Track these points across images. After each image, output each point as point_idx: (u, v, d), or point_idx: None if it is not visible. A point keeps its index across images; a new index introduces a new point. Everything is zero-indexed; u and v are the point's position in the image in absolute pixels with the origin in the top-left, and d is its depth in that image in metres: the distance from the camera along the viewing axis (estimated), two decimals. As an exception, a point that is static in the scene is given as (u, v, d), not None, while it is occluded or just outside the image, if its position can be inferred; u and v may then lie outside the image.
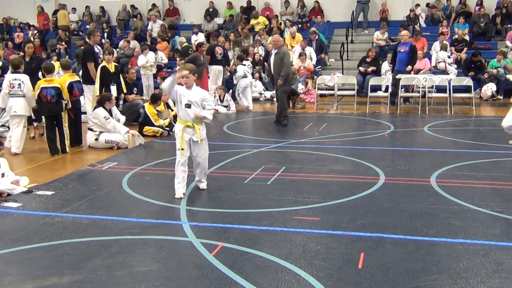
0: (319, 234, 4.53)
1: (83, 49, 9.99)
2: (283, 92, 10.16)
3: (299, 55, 14.25)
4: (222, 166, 6.97)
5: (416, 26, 16.06)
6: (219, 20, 18.76)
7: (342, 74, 14.29)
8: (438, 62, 14.28)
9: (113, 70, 9.32)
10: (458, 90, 12.08)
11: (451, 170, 6.56)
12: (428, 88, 11.73)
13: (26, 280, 3.75)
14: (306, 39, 15.26)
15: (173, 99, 5.80)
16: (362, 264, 3.90)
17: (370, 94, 12.10)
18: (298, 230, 4.62)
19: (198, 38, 16.25)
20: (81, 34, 19.19)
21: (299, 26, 17.37)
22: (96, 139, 8.36)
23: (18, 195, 5.80)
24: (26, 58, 9.61)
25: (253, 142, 8.56)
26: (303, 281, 3.66)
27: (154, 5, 19.49)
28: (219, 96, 12.17)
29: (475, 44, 15.34)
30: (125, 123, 8.89)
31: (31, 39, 17.28)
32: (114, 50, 13.65)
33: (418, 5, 17.12)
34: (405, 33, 12.21)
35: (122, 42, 16.71)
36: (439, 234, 4.47)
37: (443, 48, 14.44)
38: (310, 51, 14.78)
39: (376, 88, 12.94)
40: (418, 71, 12.83)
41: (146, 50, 14.22)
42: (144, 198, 5.62)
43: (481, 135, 9.01)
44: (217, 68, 12.53)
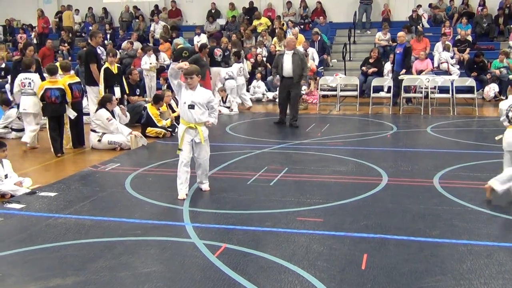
0: (322, 235, 4.52)
1: (86, 50, 10.05)
2: (296, 95, 10.14)
3: (302, 56, 14.25)
4: (225, 167, 6.97)
5: (418, 26, 16.02)
6: (222, 21, 18.77)
7: (345, 75, 14.28)
8: (441, 63, 14.24)
9: (116, 71, 9.33)
10: (460, 90, 12.06)
11: (454, 171, 6.55)
12: (430, 88, 11.74)
13: (30, 281, 3.76)
14: (308, 40, 15.23)
15: (176, 93, 5.78)
16: (365, 265, 3.90)
17: (372, 95, 12.09)
18: (301, 231, 4.62)
19: (201, 39, 16.27)
20: (84, 35, 19.23)
21: (302, 27, 17.34)
22: (99, 140, 8.38)
23: (21, 197, 5.81)
24: None
25: (255, 143, 8.56)
26: (306, 282, 3.65)
27: (157, 6, 19.50)
28: (221, 97, 12.18)
29: (478, 44, 15.31)
30: (128, 125, 8.91)
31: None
32: (118, 52, 13.65)
33: (420, 5, 17.08)
34: (401, 34, 12.20)
35: (125, 44, 16.71)
36: (443, 235, 4.46)
37: (446, 48, 14.42)
38: (313, 52, 14.76)
39: (378, 89, 12.94)
40: (420, 72, 12.82)
41: (150, 51, 14.21)
42: (147, 199, 5.63)
43: (484, 136, 8.98)
44: (216, 69, 12.55)
